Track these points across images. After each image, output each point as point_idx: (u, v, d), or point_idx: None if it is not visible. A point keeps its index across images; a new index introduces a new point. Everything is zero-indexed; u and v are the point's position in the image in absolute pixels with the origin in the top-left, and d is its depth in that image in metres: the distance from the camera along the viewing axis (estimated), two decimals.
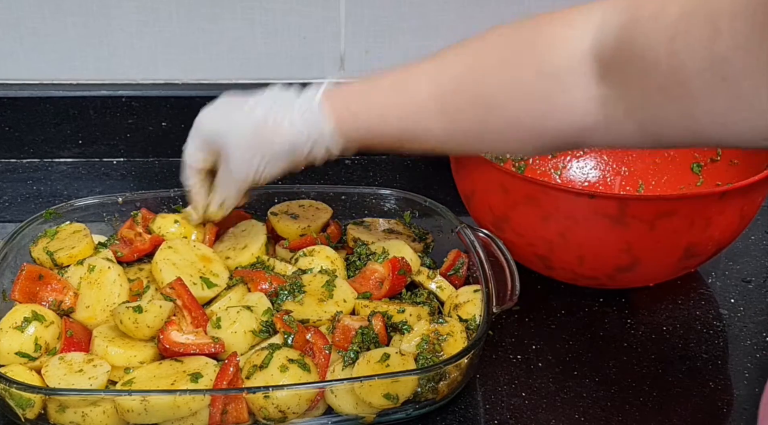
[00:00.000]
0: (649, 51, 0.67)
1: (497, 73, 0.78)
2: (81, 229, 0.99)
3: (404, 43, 1.25)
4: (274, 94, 0.88)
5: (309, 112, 0.85)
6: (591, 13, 0.74)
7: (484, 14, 1.24)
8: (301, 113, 0.85)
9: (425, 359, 0.85)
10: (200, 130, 0.91)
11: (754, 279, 1.07)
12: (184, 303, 0.88)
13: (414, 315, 0.91)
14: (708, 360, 0.95)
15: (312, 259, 0.98)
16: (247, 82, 1.26)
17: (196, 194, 0.96)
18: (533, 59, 0.76)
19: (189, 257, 0.95)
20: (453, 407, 0.88)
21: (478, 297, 0.92)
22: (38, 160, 1.28)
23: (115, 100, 1.25)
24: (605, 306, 1.02)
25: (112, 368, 0.84)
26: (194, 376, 0.82)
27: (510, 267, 0.93)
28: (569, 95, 0.75)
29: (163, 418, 0.80)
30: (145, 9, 1.22)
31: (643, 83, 0.69)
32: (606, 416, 0.88)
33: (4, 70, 1.25)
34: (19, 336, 0.86)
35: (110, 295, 0.91)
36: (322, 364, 0.87)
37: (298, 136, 0.85)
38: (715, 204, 0.93)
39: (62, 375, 0.82)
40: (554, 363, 0.94)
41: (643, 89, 0.69)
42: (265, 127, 0.86)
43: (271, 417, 0.81)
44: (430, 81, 0.82)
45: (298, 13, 1.23)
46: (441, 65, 0.82)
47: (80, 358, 0.85)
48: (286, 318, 0.88)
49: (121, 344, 0.86)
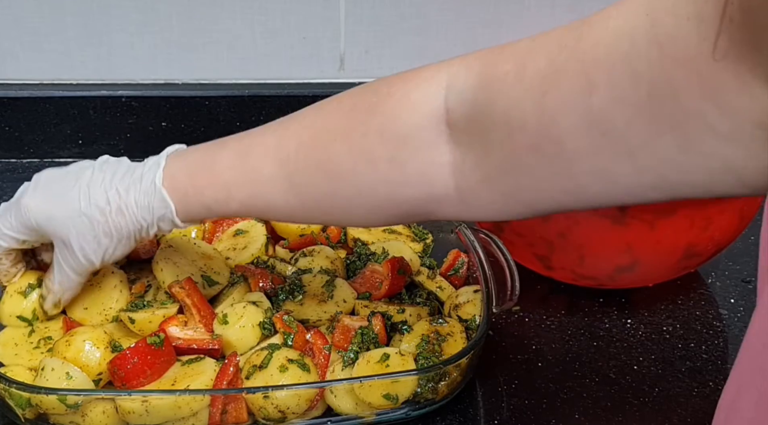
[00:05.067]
0: (514, 111, 0.62)
1: (342, 139, 0.72)
2: None
3: (404, 43, 1.25)
4: (108, 175, 0.81)
5: (149, 192, 0.79)
6: (438, 73, 0.70)
7: (484, 14, 1.24)
8: (142, 194, 0.79)
9: (425, 359, 0.85)
10: (29, 217, 0.81)
11: (754, 279, 1.07)
12: (193, 302, 0.89)
13: (414, 315, 0.91)
14: (708, 360, 0.95)
15: (312, 259, 0.98)
16: (247, 82, 1.27)
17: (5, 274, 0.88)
18: (374, 124, 0.71)
19: (190, 255, 0.95)
20: (453, 407, 0.88)
21: (478, 298, 0.92)
22: (38, 160, 1.28)
23: (115, 100, 1.25)
24: (605, 306, 1.02)
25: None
26: (194, 377, 0.82)
27: (510, 267, 0.93)
28: (417, 162, 0.69)
29: (164, 419, 0.80)
30: (145, 9, 1.22)
31: (507, 146, 0.64)
32: (606, 416, 0.88)
33: (4, 70, 1.25)
34: (22, 301, 0.89)
35: (109, 300, 0.91)
36: (322, 364, 0.87)
37: (141, 217, 0.80)
38: (714, 204, 0.92)
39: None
40: (554, 363, 0.94)
41: (506, 152, 0.64)
42: (109, 212, 0.80)
43: (270, 417, 0.81)
44: (273, 153, 0.76)
45: (298, 13, 1.23)
46: (284, 135, 0.76)
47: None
48: (285, 319, 0.88)
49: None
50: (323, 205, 0.76)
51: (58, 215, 0.81)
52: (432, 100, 0.69)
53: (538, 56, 0.62)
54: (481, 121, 0.66)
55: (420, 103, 0.69)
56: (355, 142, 0.72)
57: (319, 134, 0.74)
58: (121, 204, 0.80)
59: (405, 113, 0.70)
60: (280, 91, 1.26)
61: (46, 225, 0.82)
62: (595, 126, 0.59)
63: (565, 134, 0.60)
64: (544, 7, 1.24)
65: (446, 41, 1.25)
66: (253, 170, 0.77)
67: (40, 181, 0.84)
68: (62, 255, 0.83)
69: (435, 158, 0.69)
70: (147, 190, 0.79)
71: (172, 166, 0.80)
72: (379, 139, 0.71)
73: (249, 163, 0.77)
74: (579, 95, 0.59)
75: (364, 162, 0.71)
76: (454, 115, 0.68)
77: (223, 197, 0.78)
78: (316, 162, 0.74)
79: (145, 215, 0.80)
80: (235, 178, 0.77)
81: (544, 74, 0.61)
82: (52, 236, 0.82)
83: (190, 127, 1.27)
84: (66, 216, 0.81)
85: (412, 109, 0.70)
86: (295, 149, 0.75)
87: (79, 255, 0.82)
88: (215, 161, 0.79)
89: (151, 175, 0.80)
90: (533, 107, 0.62)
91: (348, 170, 0.72)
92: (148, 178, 0.80)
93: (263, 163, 0.76)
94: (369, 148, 0.71)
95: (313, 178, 0.74)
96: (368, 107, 0.72)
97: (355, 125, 0.72)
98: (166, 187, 0.79)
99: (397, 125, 0.70)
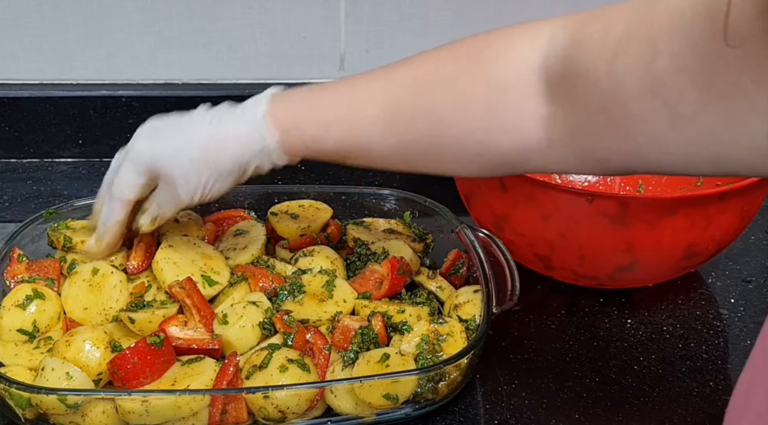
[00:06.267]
0: (592, 72, 0.66)
1: (444, 86, 0.76)
2: None
3: (404, 43, 1.25)
4: (211, 112, 0.85)
5: (253, 123, 0.82)
6: (540, 29, 0.73)
7: (484, 14, 1.24)
8: (246, 126, 0.82)
9: (425, 359, 0.85)
10: (140, 160, 0.85)
11: (754, 279, 1.07)
12: (193, 302, 0.89)
13: (414, 315, 0.91)
14: (708, 360, 0.95)
15: (312, 259, 0.98)
16: (247, 82, 1.27)
17: (115, 227, 0.91)
18: (481, 72, 0.74)
19: (190, 255, 0.95)
20: (453, 407, 0.88)
21: (478, 298, 0.92)
22: (38, 160, 1.28)
23: (115, 100, 1.25)
24: (605, 306, 1.02)
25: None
26: (194, 377, 0.82)
27: (510, 267, 0.93)
28: (515, 112, 0.73)
29: (164, 419, 0.80)
30: (145, 9, 1.22)
31: (585, 104, 0.68)
32: (606, 416, 0.88)
33: (4, 70, 1.25)
34: (21, 314, 0.89)
35: (109, 300, 0.91)
36: (322, 364, 0.87)
37: (243, 152, 0.82)
38: (715, 204, 0.92)
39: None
40: (554, 363, 0.94)
41: (586, 110, 0.68)
42: (210, 146, 0.83)
43: (270, 417, 0.81)
44: (376, 94, 0.79)
45: (298, 13, 1.23)
46: (388, 78, 0.79)
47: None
48: (285, 318, 0.88)
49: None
50: (419, 149, 0.78)
51: (163, 153, 0.84)
52: (531, 55, 0.72)
53: (618, 21, 0.65)
54: (568, 77, 0.69)
55: (520, 56, 0.72)
56: (457, 88, 0.75)
57: (423, 79, 0.77)
58: (221, 137, 0.82)
59: (506, 64, 0.73)
60: None
61: (155, 164, 0.84)
62: (655, 92, 0.62)
63: (630, 98, 0.64)
64: (544, 7, 1.24)
65: (446, 41, 1.25)
66: (356, 109, 0.79)
67: (145, 126, 0.87)
68: (165, 189, 0.86)
69: (530, 110, 0.72)
70: (249, 122, 0.82)
71: (275, 102, 0.82)
72: (480, 87, 0.74)
73: (352, 103, 0.80)
74: (644, 61, 0.62)
75: (464, 109, 0.74)
76: (549, 70, 0.71)
77: (322, 133, 0.80)
78: (417, 105, 0.77)
79: (246, 148, 0.82)
80: (336, 116, 0.80)
81: (619, 38, 0.64)
82: (160, 174, 0.85)
83: None
84: (171, 155, 0.84)
85: (512, 61, 0.73)
86: (398, 92, 0.78)
87: (181, 191, 0.84)
88: (319, 98, 0.81)
89: (254, 108, 0.82)
90: (606, 69, 0.65)
91: (448, 115, 0.75)
92: (251, 111, 0.82)
93: (366, 103, 0.79)
94: (470, 95, 0.74)
95: (413, 121, 0.77)
96: (470, 57, 0.75)
97: (458, 72, 0.75)
98: (269, 120, 0.81)
99: (497, 75, 0.73)
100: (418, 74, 0.78)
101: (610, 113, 0.66)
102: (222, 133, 0.83)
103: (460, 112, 0.75)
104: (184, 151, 0.83)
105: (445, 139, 0.76)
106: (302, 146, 0.82)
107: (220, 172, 0.83)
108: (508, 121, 0.73)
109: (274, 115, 0.81)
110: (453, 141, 0.76)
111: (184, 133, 0.84)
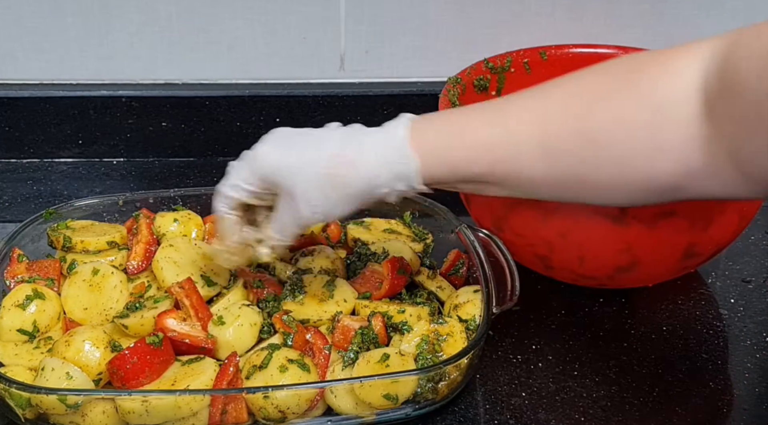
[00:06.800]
0: (749, 86, 0.64)
1: (602, 105, 0.73)
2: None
3: (404, 43, 1.25)
4: (343, 129, 0.81)
5: (392, 146, 0.77)
6: (699, 49, 0.71)
7: (484, 14, 1.24)
8: (383, 148, 0.78)
9: (425, 359, 0.85)
10: (260, 164, 0.80)
11: (754, 279, 1.07)
12: (192, 302, 0.89)
13: (414, 315, 0.91)
14: (708, 360, 0.95)
15: (312, 259, 0.98)
16: (247, 82, 1.27)
17: (232, 229, 0.86)
18: (641, 91, 0.71)
19: (190, 255, 0.95)
20: (453, 407, 0.88)
21: (478, 298, 0.92)
22: (38, 160, 1.28)
23: (115, 100, 1.25)
24: (605, 306, 1.02)
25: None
26: (194, 377, 0.82)
27: (510, 267, 0.93)
28: (677, 133, 0.70)
29: (164, 419, 0.80)
30: (145, 9, 1.22)
31: (745, 121, 0.66)
32: (606, 416, 0.88)
33: (4, 70, 1.25)
34: (21, 314, 0.89)
35: (109, 300, 0.91)
36: (322, 364, 0.87)
37: (377, 172, 0.77)
38: (715, 204, 0.92)
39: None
40: (554, 363, 0.94)
41: (746, 128, 0.66)
42: (340, 161, 0.78)
43: (270, 417, 0.81)
44: (530, 116, 0.75)
45: (298, 13, 1.23)
46: (541, 99, 0.76)
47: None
48: (285, 318, 0.88)
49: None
50: (575, 174, 0.75)
51: (288, 163, 0.79)
52: (691, 74, 0.70)
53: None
54: (727, 95, 0.67)
55: (680, 75, 0.70)
56: (616, 108, 0.72)
57: (579, 99, 0.74)
58: (356, 155, 0.78)
59: (667, 83, 0.71)
60: (280, 91, 1.26)
61: (276, 174, 0.79)
62: None
63: None
64: (544, 7, 1.24)
65: (446, 41, 1.25)
66: (508, 132, 0.76)
67: (276, 132, 0.82)
68: (286, 206, 0.80)
69: (692, 130, 0.70)
70: (389, 142, 0.78)
71: (419, 124, 0.79)
72: (639, 107, 0.71)
73: (505, 125, 0.76)
74: None
75: (624, 129, 0.72)
76: (709, 89, 0.69)
77: (473, 157, 0.76)
78: (574, 127, 0.73)
79: (381, 170, 0.78)
80: (487, 139, 0.76)
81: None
82: (280, 185, 0.80)
83: (190, 127, 1.27)
84: (296, 165, 0.79)
85: (673, 80, 0.71)
86: (554, 113, 0.75)
87: (302, 206, 0.79)
88: (468, 121, 0.78)
89: (394, 130, 0.78)
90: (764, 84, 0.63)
91: (606, 137, 0.72)
92: (392, 131, 0.78)
93: (520, 125, 0.75)
94: (629, 115, 0.71)
95: (569, 143, 0.74)
96: (629, 75, 0.73)
97: (616, 92, 0.73)
98: (411, 143, 0.77)
99: (658, 94, 0.71)
100: (574, 94, 0.75)
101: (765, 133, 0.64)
102: (355, 151, 0.78)
103: (620, 132, 0.72)
104: (312, 164, 0.78)
105: (603, 162, 0.73)
106: (447, 171, 0.78)
107: (346, 192, 0.78)
108: (669, 143, 0.70)
109: (415, 138, 0.77)
110: (611, 165, 0.73)
111: (314, 146, 0.79)
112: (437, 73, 1.22)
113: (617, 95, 0.73)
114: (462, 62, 1.15)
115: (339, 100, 1.26)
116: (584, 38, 1.22)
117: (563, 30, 1.24)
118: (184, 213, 1.02)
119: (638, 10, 1.25)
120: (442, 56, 1.26)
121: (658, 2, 1.24)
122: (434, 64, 1.26)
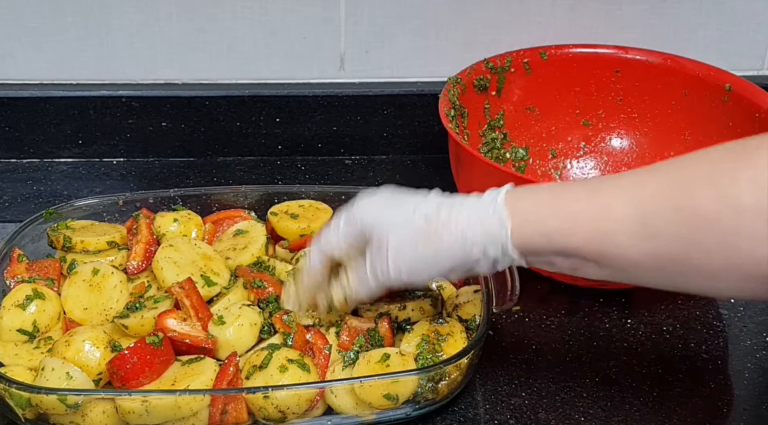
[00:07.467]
0: None
1: (707, 184, 0.69)
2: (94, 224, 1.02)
3: (404, 43, 1.25)
4: (440, 196, 0.81)
5: (486, 207, 0.77)
6: None
7: (484, 14, 1.24)
8: (477, 208, 0.77)
9: (425, 359, 0.85)
10: (359, 218, 0.82)
11: None
12: (192, 303, 0.89)
13: (417, 309, 0.91)
14: (708, 360, 0.95)
15: None
16: (247, 82, 1.27)
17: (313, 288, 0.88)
18: (748, 173, 0.67)
19: (190, 255, 0.95)
20: (453, 407, 0.88)
21: (478, 298, 0.92)
22: (38, 160, 1.28)
23: (115, 100, 1.25)
24: (605, 306, 1.02)
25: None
26: (194, 377, 0.82)
27: (510, 267, 0.92)
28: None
29: (164, 419, 0.80)
30: (145, 9, 1.22)
31: None
32: (606, 416, 0.88)
33: (4, 70, 1.25)
34: (21, 314, 0.89)
35: (109, 300, 0.91)
36: (322, 364, 0.87)
37: (470, 230, 0.77)
38: None
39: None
40: (554, 363, 0.94)
41: None
42: (435, 223, 0.78)
43: (270, 417, 0.81)
44: (627, 193, 0.73)
45: (298, 13, 1.23)
46: (639, 177, 0.74)
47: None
48: (285, 319, 0.89)
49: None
50: (678, 255, 0.71)
51: (384, 215, 0.81)
52: None
53: None
54: None
55: None
56: (722, 187, 0.68)
57: (679, 179, 0.71)
58: (451, 215, 0.78)
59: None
60: (280, 91, 1.26)
61: (371, 224, 0.81)
62: None
63: None
64: (544, 7, 1.24)
65: (446, 41, 1.25)
66: (604, 207, 0.74)
67: (380, 189, 0.84)
68: (373, 259, 0.81)
69: None
70: (485, 206, 0.77)
71: (515, 191, 0.78)
72: (749, 187, 0.67)
73: (600, 199, 0.74)
74: None
75: (731, 209, 0.68)
76: None
77: (568, 228, 0.74)
78: (675, 205, 0.70)
79: (474, 233, 0.77)
80: (583, 211, 0.74)
81: None
82: (373, 235, 0.81)
83: (190, 127, 1.27)
84: (392, 219, 0.80)
85: None
86: (653, 192, 0.71)
87: (390, 257, 0.79)
88: (563, 192, 0.77)
89: (493, 194, 0.78)
90: None
91: (711, 217, 0.68)
92: (490, 196, 0.78)
93: (616, 201, 0.73)
94: (736, 195, 0.67)
95: (670, 222, 0.70)
96: (736, 157, 0.70)
97: (722, 172, 0.69)
98: (506, 206, 0.77)
99: (762, 170, 0.67)
100: (671, 175, 0.72)
101: None
102: (452, 211, 0.78)
103: (723, 213, 0.68)
104: (408, 219, 0.79)
105: (706, 243, 0.69)
106: (542, 240, 0.76)
107: (438, 250, 0.78)
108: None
109: (510, 202, 0.77)
110: (714, 244, 0.69)
111: (412, 204, 0.80)
112: (437, 73, 1.22)
113: (726, 176, 0.69)
114: (462, 62, 1.15)
115: (339, 100, 1.26)
116: (584, 38, 1.22)
117: (563, 30, 1.24)
118: (184, 213, 1.02)
119: (638, 10, 1.25)
120: (442, 56, 1.26)
121: (658, 2, 1.24)
122: (434, 64, 1.26)
